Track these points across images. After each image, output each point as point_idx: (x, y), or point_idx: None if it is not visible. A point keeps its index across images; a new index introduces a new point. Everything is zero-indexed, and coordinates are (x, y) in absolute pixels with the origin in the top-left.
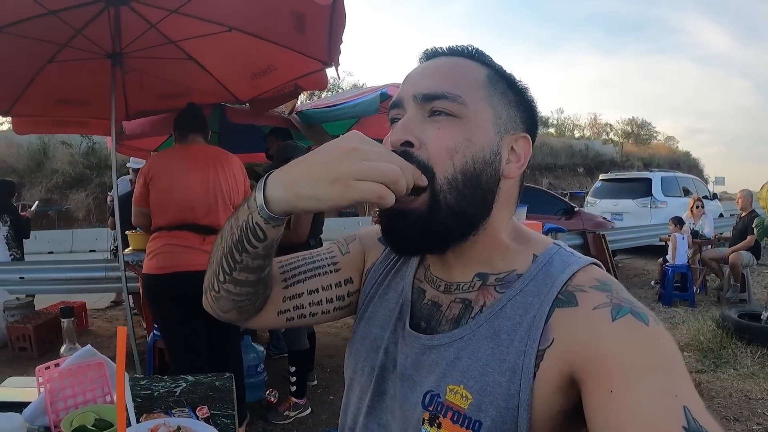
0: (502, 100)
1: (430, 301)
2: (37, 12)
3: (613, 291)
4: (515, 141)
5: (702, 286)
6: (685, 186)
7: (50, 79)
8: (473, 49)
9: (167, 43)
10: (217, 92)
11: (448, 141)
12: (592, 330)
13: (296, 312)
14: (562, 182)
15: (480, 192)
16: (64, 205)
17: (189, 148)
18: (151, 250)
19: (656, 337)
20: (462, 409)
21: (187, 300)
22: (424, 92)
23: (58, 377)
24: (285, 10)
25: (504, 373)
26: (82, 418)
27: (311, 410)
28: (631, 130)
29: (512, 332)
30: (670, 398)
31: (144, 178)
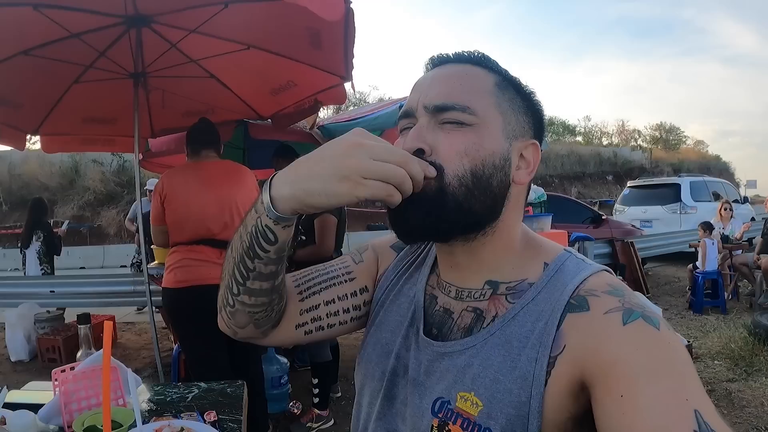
0: (510, 106)
1: (441, 307)
2: (61, 35)
3: (625, 296)
4: (525, 148)
5: (734, 292)
6: (715, 190)
7: (77, 98)
8: (480, 54)
9: (188, 62)
10: (239, 109)
11: (458, 145)
12: (603, 334)
13: (314, 324)
14: (591, 191)
15: (490, 194)
16: (95, 222)
17: (202, 165)
18: (170, 264)
19: (667, 341)
20: (472, 416)
21: (206, 313)
22: (435, 103)
23: (72, 379)
24: (299, 26)
25: (515, 380)
26: (94, 418)
27: (334, 422)
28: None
29: (524, 340)
30: (680, 402)
31: (159, 196)
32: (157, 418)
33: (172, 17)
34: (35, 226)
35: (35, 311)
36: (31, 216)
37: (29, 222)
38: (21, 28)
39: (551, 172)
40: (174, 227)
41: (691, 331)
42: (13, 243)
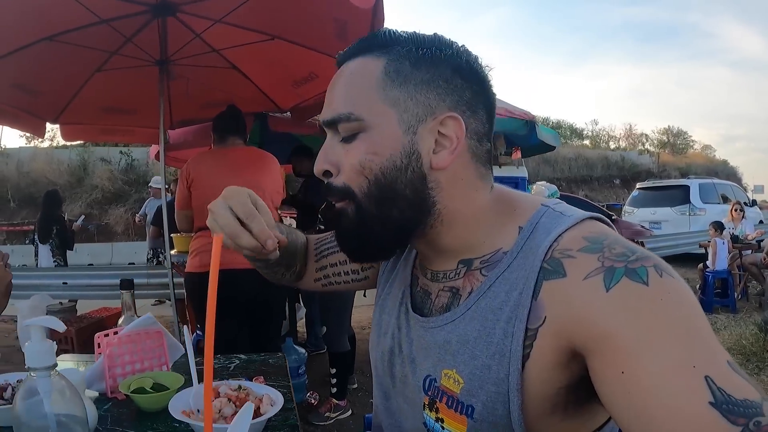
0: (405, 89)
1: (421, 288)
2: (89, 20)
3: (605, 248)
4: (438, 125)
5: (743, 291)
6: (724, 193)
7: (98, 87)
8: (374, 37)
9: (210, 51)
10: (259, 100)
11: (354, 161)
12: (587, 305)
13: (325, 280)
14: (598, 194)
15: (402, 198)
16: (103, 220)
17: (229, 151)
18: (194, 249)
19: (659, 298)
20: (455, 393)
21: (230, 298)
22: (324, 119)
23: (117, 343)
24: (327, 17)
25: (492, 356)
26: (140, 381)
27: (351, 412)
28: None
29: (498, 312)
30: (687, 372)
31: (185, 181)
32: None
33: (198, 7)
34: (51, 219)
35: (47, 302)
36: (47, 209)
37: (45, 215)
38: (47, 14)
39: (558, 175)
40: (200, 212)
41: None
42: (21, 240)
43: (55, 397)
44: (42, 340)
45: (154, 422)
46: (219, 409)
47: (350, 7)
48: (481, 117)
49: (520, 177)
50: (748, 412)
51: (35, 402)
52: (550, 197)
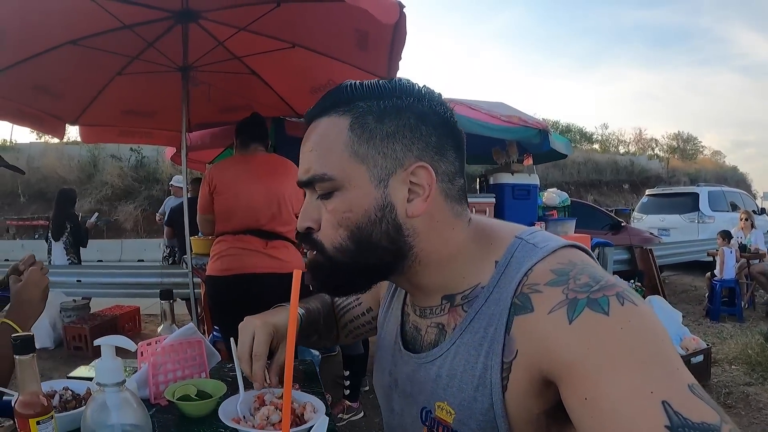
0: (371, 144)
1: (412, 325)
2: (113, 26)
3: (570, 280)
4: (409, 175)
5: (750, 301)
6: (733, 201)
7: (119, 90)
8: (335, 95)
9: (232, 58)
10: (277, 106)
11: (331, 218)
12: (551, 338)
13: (353, 333)
14: (607, 199)
15: (379, 247)
16: (112, 216)
17: (251, 158)
18: (216, 252)
19: (619, 327)
20: (449, 423)
21: (251, 301)
22: (301, 180)
23: (160, 352)
24: (349, 27)
25: (477, 388)
26: (184, 389)
27: (364, 414)
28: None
29: (479, 347)
30: (645, 397)
31: (208, 186)
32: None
33: (222, 14)
34: (65, 217)
35: (61, 300)
36: (61, 207)
37: (59, 212)
38: (72, 18)
39: (567, 179)
40: (222, 217)
41: (708, 338)
42: (30, 234)
43: (123, 409)
44: (112, 359)
45: (201, 427)
46: (267, 416)
47: (373, 19)
48: (449, 157)
49: (532, 184)
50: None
51: (104, 413)
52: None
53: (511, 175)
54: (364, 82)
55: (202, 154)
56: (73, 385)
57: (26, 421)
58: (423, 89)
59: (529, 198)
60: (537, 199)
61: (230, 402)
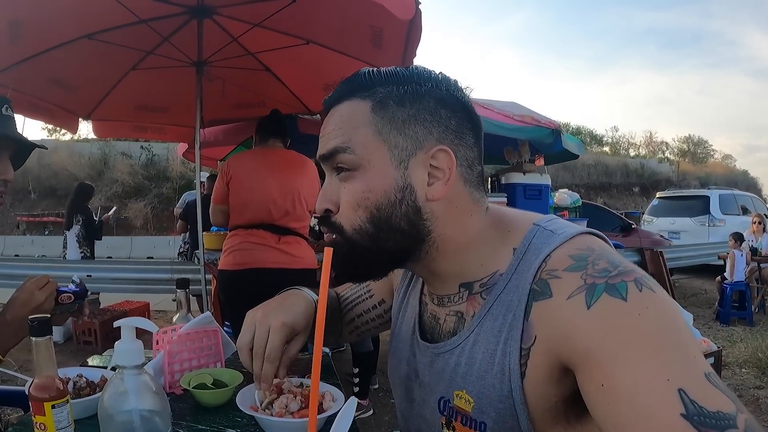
0: (393, 126)
1: (431, 314)
2: (128, 20)
3: (588, 266)
4: (430, 158)
5: (761, 305)
6: (743, 204)
7: (132, 85)
8: (354, 80)
9: (245, 54)
10: (290, 103)
11: (350, 199)
12: (569, 323)
13: (357, 330)
14: (617, 201)
15: (397, 230)
16: (122, 213)
17: (269, 152)
18: (228, 247)
19: (637, 313)
20: (468, 412)
21: (263, 296)
22: (321, 153)
23: (176, 340)
24: (364, 24)
25: (496, 375)
26: (200, 377)
27: (373, 412)
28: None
29: (498, 334)
30: (661, 384)
31: (225, 177)
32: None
33: (237, 10)
34: (76, 209)
35: None
36: (73, 199)
37: (70, 204)
38: (88, 12)
39: (577, 181)
40: (236, 209)
41: (719, 341)
42: (40, 230)
43: (141, 393)
44: (132, 340)
45: (216, 416)
46: (286, 404)
47: (388, 15)
48: (468, 142)
49: (543, 185)
50: (721, 424)
51: (122, 397)
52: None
53: (523, 175)
54: (382, 69)
55: (215, 151)
56: (87, 373)
57: (41, 404)
58: (440, 75)
59: (541, 198)
60: (548, 199)
61: (248, 390)
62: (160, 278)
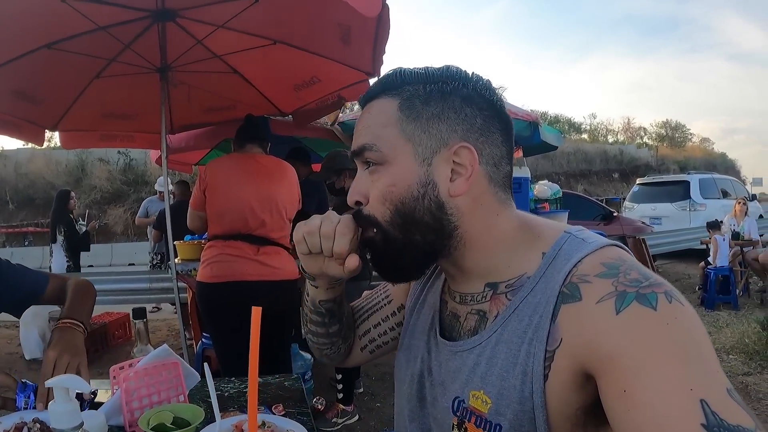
0: (418, 125)
1: (450, 312)
2: (88, 28)
3: (620, 274)
4: (453, 155)
5: (744, 288)
6: (724, 188)
7: (98, 94)
8: (387, 79)
9: (212, 57)
10: (260, 105)
11: (377, 192)
12: (597, 327)
13: (372, 345)
14: (597, 188)
15: (422, 224)
16: (102, 220)
17: (247, 159)
18: (206, 258)
19: (665, 322)
20: (483, 413)
21: (241, 308)
22: (352, 149)
23: (134, 376)
24: (331, 22)
25: (517, 376)
26: (160, 416)
27: (359, 417)
28: (666, 133)
29: (523, 335)
30: (684, 393)
31: (201, 184)
32: (223, 413)
33: (199, 12)
34: (58, 220)
35: (50, 309)
36: (54, 210)
37: (53, 216)
38: (46, 21)
39: (557, 169)
40: (213, 218)
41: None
42: (20, 242)
43: None
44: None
45: None
46: None
47: (355, 12)
48: (495, 141)
49: (523, 177)
50: None
51: None
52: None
53: None
54: (414, 68)
55: (188, 156)
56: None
57: None
58: (471, 74)
59: (521, 191)
60: (529, 191)
61: (211, 429)
62: (139, 288)
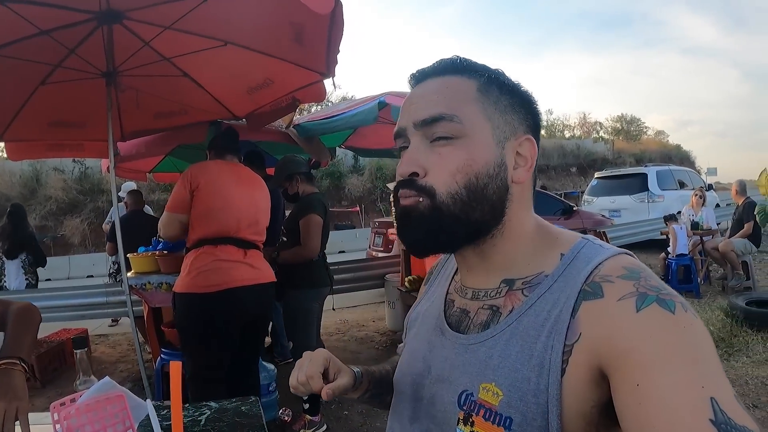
0: (497, 108)
1: (458, 309)
2: (29, 32)
3: (641, 279)
4: (519, 145)
5: (705, 276)
6: (680, 179)
7: (43, 101)
8: (459, 60)
9: (161, 60)
10: (213, 109)
11: (450, 165)
12: (617, 322)
13: None
14: (555, 183)
15: (487, 202)
16: (59, 231)
17: (232, 165)
18: (197, 267)
19: (682, 326)
20: (493, 406)
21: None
22: (422, 118)
23: (75, 414)
24: (283, 21)
25: (533, 368)
26: None
27: (327, 427)
28: (621, 126)
29: (540, 328)
30: (696, 390)
31: (189, 184)
32: None
33: (146, 13)
34: (24, 236)
35: None
36: (16, 224)
37: (16, 231)
38: None
39: None
40: (202, 218)
41: None
42: None
43: None
44: None
45: None
46: None
47: (308, 10)
48: (537, 145)
49: None
50: None
51: None
52: None
53: None
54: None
55: (140, 164)
56: None
57: None
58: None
59: None
60: None
61: None
62: (97, 302)
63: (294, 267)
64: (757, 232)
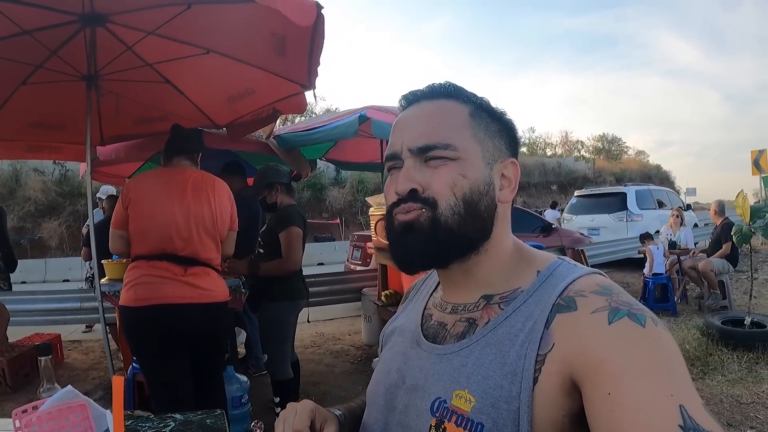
0: (486, 133)
1: (436, 322)
2: (11, 31)
3: (613, 295)
4: (504, 167)
5: (682, 295)
6: (659, 198)
7: (24, 102)
8: (451, 86)
9: (143, 65)
10: (193, 117)
11: (447, 179)
12: (589, 334)
13: None
14: (536, 200)
15: (479, 217)
16: (36, 233)
17: (174, 173)
18: (129, 280)
19: (652, 338)
20: (465, 412)
21: (168, 334)
22: (418, 145)
23: (37, 422)
24: (265, 32)
25: (505, 376)
26: None
27: None
28: (602, 146)
29: (514, 338)
30: (665, 398)
31: (124, 200)
32: None
33: (130, 17)
34: None
35: None
36: None
37: None
38: None
39: None
40: (136, 237)
41: None
42: None
43: None
44: None
45: None
46: None
47: (290, 22)
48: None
49: None
50: None
51: None
52: None
53: None
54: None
55: (119, 169)
56: None
57: None
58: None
59: None
60: None
61: None
62: (70, 308)
63: (272, 279)
64: (734, 252)
